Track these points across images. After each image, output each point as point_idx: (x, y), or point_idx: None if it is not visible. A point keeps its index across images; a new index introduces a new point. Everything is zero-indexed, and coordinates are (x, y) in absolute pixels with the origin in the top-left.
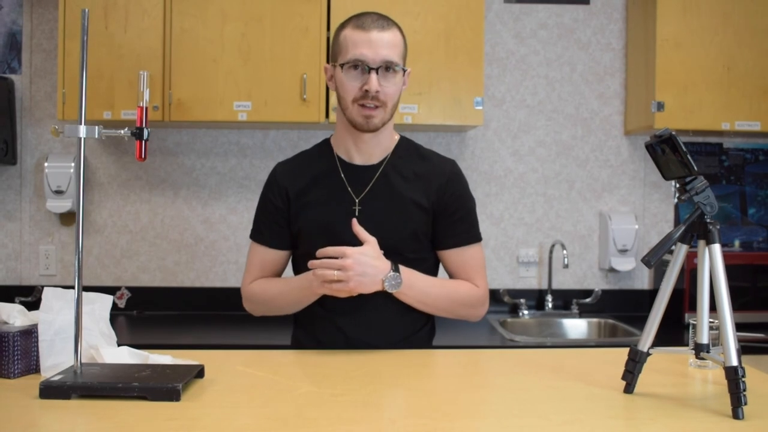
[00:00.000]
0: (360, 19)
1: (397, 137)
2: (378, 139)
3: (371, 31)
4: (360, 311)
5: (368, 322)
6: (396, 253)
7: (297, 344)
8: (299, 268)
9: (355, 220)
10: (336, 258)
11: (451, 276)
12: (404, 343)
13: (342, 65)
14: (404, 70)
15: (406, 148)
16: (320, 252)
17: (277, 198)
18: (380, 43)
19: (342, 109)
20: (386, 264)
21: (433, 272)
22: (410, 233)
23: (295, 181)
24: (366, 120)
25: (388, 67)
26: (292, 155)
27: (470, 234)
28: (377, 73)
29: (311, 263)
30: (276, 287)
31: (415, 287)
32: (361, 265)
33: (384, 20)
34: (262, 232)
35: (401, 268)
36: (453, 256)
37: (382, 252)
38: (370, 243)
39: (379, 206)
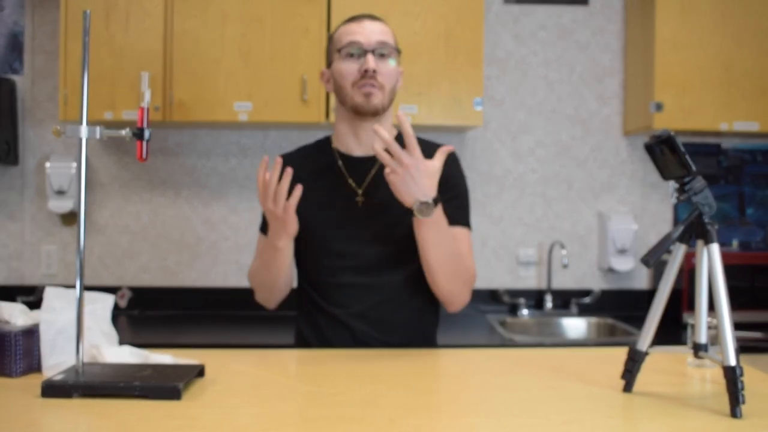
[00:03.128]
0: (352, 17)
1: (394, 132)
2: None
3: (363, 21)
4: (368, 308)
5: (376, 318)
6: (403, 241)
7: (301, 341)
8: (301, 260)
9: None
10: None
11: None
12: (412, 339)
13: (339, 50)
14: (398, 52)
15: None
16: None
17: None
18: (373, 29)
19: (342, 100)
20: (433, 191)
21: None
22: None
23: (296, 173)
24: (367, 98)
25: (382, 54)
26: None
27: (458, 215)
28: (373, 54)
29: (376, 128)
30: (255, 260)
31: (438, 227)
32: (418, 173)
33: (375, 17)
34: (266, 223)
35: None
36: None
37: (386, 241)
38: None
39: (381, 196)
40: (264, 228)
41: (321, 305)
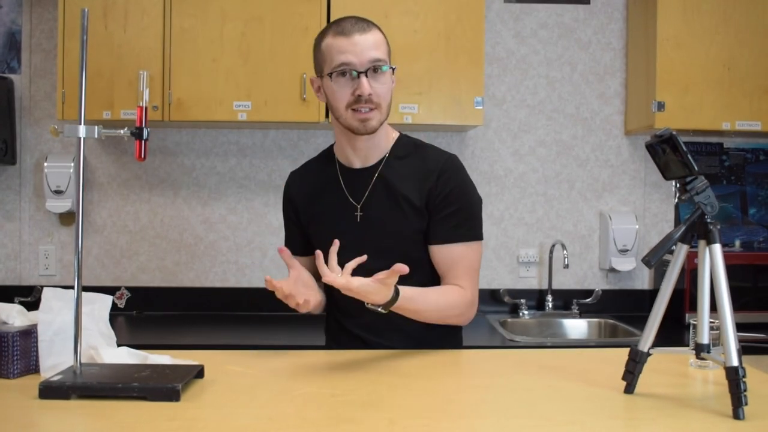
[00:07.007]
0: (339, 26)
1: (395, 135)
2: (374, 141)
3: (353, 35)
4: (374, 318)
5: (385, 328)
6: (400, 254)
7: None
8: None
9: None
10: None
11: (439, 274)
12: (418, 345)
13: (330, 74)
14: (392, 69)
15: (404, 145)
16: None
17: (289, 209)
18: (364, 45)
19: (336, 116)
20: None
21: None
22: (411, 234)
23: (302, 191)
24: (363, 123)
25: (376, 68)
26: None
27: (460, 231)
28: (366, 75)
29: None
30: None
31: (402, 308)
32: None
33: (363, 22)
34: (289, 241)
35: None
36: (440, 252)
37: (384, 255)
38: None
39: (379, 210)
40: (287, 243)
41: (336, 316)
